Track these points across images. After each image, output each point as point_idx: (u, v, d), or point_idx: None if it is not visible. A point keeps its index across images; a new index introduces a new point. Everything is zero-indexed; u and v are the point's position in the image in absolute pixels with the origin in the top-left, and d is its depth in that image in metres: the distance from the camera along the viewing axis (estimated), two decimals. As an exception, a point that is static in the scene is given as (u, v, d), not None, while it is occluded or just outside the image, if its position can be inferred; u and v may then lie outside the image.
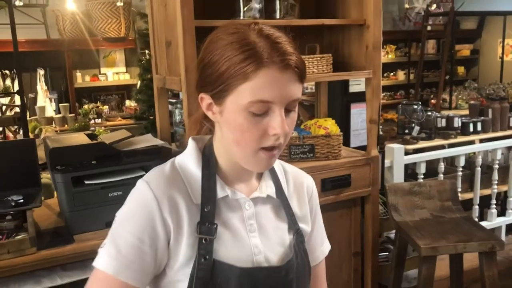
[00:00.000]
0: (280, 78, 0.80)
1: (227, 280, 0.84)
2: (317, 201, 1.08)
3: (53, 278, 1.72)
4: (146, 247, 0.83)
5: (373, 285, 2.40)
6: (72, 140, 1.94)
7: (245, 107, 0.81)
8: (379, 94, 2.26)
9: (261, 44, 0.80)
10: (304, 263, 0.97)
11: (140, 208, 0.85)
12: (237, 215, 0.91)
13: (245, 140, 0.83)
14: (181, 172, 0.90)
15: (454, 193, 2.39)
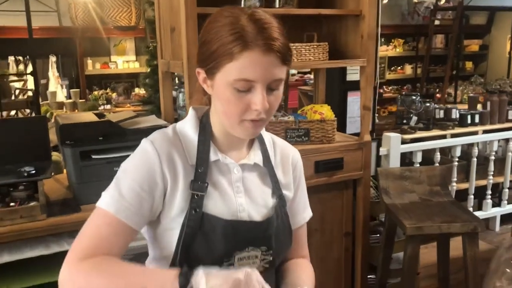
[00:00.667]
0: (262, 60, 0.90)
1: (213, 229, 0.98)
2: (301, 172, 1.20)
3: (61, 243, 1.87)
4: (145, 194, 0.96)
5: (363, 265, 2.51)
6: (81, 118, 2.08)
7: (231, 83, 0.93)
8: (372, 82, 2.36)
9: (249, 28, 0.91)
10: (285, 224, 1.10)
11: (143, 161, 0.98)
12: (226, 177, 1.04)
13: (231, 112, 0.96)
14: (180, 136, 1.04)
15: (443, 179, 2.49)
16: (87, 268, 0.90)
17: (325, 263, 2.46)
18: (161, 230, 1.02)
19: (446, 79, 6.81)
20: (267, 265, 1.05)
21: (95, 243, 0.93)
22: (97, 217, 0.96)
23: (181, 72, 2.00)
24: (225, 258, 0.98)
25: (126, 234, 0.96)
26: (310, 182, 2.28)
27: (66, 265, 0.93)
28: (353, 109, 2.75)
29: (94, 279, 0.89)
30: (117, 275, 0.90)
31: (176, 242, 0.98)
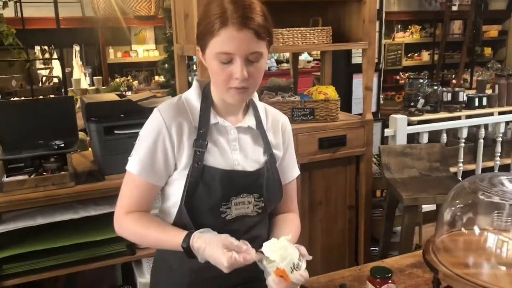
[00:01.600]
0: (237, 35, 1.06)
1: (213, 178, 1.17)
2: (290, 136, 1.38)
3: (88, 210, 2.09)
4: (158, 156, 1.17)
5: (366, 237, 2.68)
6: (104, 98, 2.29)
7: (215, 56, 1.11)
8: (374, 64, 2.50)
9: (230, 8, 1.07)
10: (275, 178, 1.28)
11: (153, 129, 1.18)
12: (224, 137, 1.23)
13: (218, 80, 1.15)
14: (185, 103, 1.23)
15: (442, 155, 2.62)
16: (127, 222, 1.20)
17: (330, 234, 2.63)
18: (170, 181, 1.22)
19: (462, 65, 6.83)
20: (260, 210, 1.24)
21: (130, 202, 1.21)
22: (127, 179, 1.22)
23: (194, 54, 2.18)
24: (223, 202, 1.18)
25: (150, 190, 1.21)
26: (315, 158, 2.46)
27: (116, 219, 1.22)
28: (358, 91, 2.89)
29: (129, 229, 1.21)
30: (145, 230, 1.19)
31: (182, 190, 1.18)
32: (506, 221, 0.96)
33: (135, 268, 2.33)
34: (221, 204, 1.18)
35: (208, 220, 1.19)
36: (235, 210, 1.20)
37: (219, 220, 1.19)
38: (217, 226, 1.18)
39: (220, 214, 1.19)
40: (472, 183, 1.01)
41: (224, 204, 1.18)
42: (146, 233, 1.19)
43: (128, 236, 1.23)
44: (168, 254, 1.27)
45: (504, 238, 0.94)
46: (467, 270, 0.95)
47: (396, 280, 1.24)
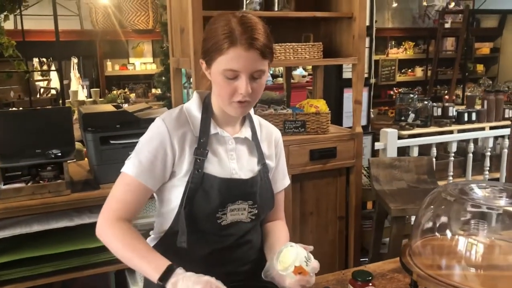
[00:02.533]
0: (244, 54, 1.15)
1: (211, 185, 1.24)
2: (281, 148, 1.46)
3: (83, 218, 2.14)
4: (158, 162, 1.23)
5: (355, 247, 2.73)
6: (101, 108, 2.35)
7: (221, 72, 1.19)
8: (363, 79, 2.58)
9: (237, 29, 1.16)
10: (268, 187, 1.36)
11: (157, 136, 1.24)
12: (222, 147, 1.31)
13: (222, 94, 1.22)
14: (187, 114, 1.30)
15: (430, 168, 2.70)
16: (113, 231, 1.21)
17: (321, 244, 2.68)
18: (170, 186, 1.28)
19: (453, 81, 6.95)
20: (253, 217, 1.31)
21: (120, 207, 1.23)
22: (121, 182, 1.25)
23: (189, 67, 2.26)
24: (220, 209, 1.24)
25: (143, 194, 1.25)
26: (306, 169, 2.53)
27: (100, 220, 1.23)
28: (349, 105, 2.96)
29: (113, 241, 1.21)
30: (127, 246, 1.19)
31: (182, 196, 1.24)
32: (475, 226, 1.02)
33: (128, 276, 2.38)
34: (218, 210, 1.24)
35: (204, 225, 1.25)
36: (231, 216, 1.26)
37: (215, 225, 1.25)
38: (212, 231, 1.25)
39: (216, 220, 1.25)
40: (445, 190, 1.08)
41: (221, 210, 1.24)
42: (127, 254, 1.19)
43: (107, 244, 1.23)
44: None
45: (473, 242, 1.00)
46: (440, 271, 1.01)
47: (377, 284, 1.30)
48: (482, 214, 1.04)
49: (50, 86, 5.30)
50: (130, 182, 1.23)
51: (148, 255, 1.18)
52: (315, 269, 1.16)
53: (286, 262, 1.13)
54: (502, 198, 1.04)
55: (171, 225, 1.28)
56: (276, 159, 1.42)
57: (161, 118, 1.26)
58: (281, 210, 1.48)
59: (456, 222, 1.05)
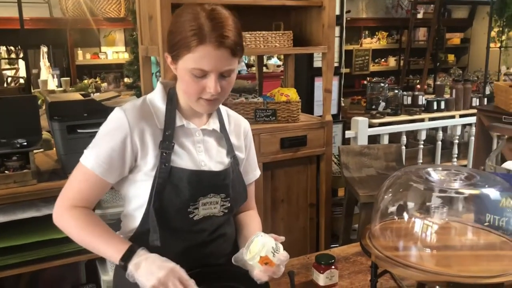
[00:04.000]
0: (214, 53, 1.09)
1: (181, 179, 1.20)
2: (251, 139, 1.44)
3: (50, 208, 2.09)
4: (116, 155, 1.18)
5: (326, 233, 2.78)
6: (68, 97, 2.31)
7: (189, 70, 1.14)
8: (333, 67, 2.61)
9: (206, 25, 1.09)
10: (239, 179, 1.34)
11: (116, 128, 1.19)
12: (189, 139, 1.27)
13: (190, 92, 1.18)
14: (150, 105, 1.25)
15: (399, 155, 2.75)
16: (69, 218, 1.19)
17: (292, 231, 2.72)
18: (135, 181, 1.23)
19: (425, 71, 7.07)
20: (226, 211, 1.29)
21: (77, 196, 1.20)
22: (78, 171, 1.22)
23: (158, 55, 2.24)
24: (191, 203, 1.21)
25: (100, 186, 1.21)
26: (277, 157, 2.55)
27: (56, 209, 1.22)
28: (319, 93, 3.00)
29: (71, 227, 1.19)
30: (86, 230, 1.17)
31: (150, 191, 1.20)
32: (432, 209, 1.06)
33: (99, 265, 2.36)
34: (189, 205, 1.20)
35: (175, 221, 1.21)
36: (203, 210, 1.23)
37: (187, 220, 1.21)
38: (185, 227, 1.21)
39: (188, 215, 1.21)
40: (403, 174, 1.11)
41: (192, 205, 1.21)
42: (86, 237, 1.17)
43: (65, 231, 1.21)
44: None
45: (429, 223, 1.04)
46: (397, 252, 1.04)
47: (340, 267, 1.33)
48: (439, 197, 1.07)
49: (18, 75, 5.16)
50: (87, 173, 1.19)
51: (107, 237, 1.16)
52: (282, 261, 1.13)
53: (253, 252, 1.12)
54: (457, 181, 1.07)
55: (141, 223, 1.23)
56: (246, 151, 1.40)
57: (122, 109, 1.20)
58: (253, 200, 1.46)
59: (413, 205, 1.08)
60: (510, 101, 3.08)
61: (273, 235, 1.19)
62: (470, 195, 1.06)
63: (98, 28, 6.49)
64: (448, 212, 1.10)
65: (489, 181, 1.07)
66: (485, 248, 1.09)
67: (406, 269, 0.98)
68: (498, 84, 3.35)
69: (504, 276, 0.95)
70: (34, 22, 5.66)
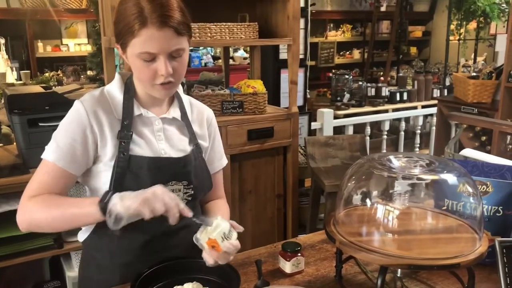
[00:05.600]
0: (158, 34, 1.09)
1: (140, 167, 1.20)
2: (215, 127, 1.44)
3: (11, 204, 2.05)
4: (77, 145, 1.18)
5: (293, 223, 2.81)
6: (29, 90, 2.24)
7: (137, 55, 1.13)
8: (298, 59, 2.63)
9: (147, 8, 1.09)
10: (203, 167, 1.34)
11: (75, 118, 1.19)
12: (148, 128, 1.26)
13: (142, 78, 1.18)
14: (107, 95, 1.25)
15: (362, 146, 2.82)
16: (31, 203, 1.15)
17: (260, 222, 2.74)
18: (97, 172, 1.23)
19: (388, 63, 7.23)
20: (190, 198, 1.29)
21: (39, 186, 1.17)
22: (41, 166, 1.20)
23: (121, 47, 2.20)
24: None
25: (65, 178, 1.19)
26: (244, 149, 2.56)
27: (19, 206, 1.18)
28: (286, 85, 3.02)
29: (36, 211, 1.14)
30: (52, 206, 1.14)
31: (109, 181, 1.19)
32: (393, 195, 1.09)
33: (64, 261, 2.32)
34: None
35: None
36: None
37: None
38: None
39: None
40: (366, 162, 1.14)
41: None
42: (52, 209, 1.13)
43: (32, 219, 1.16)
44: (95, 250, 1.28)
45: (390, 209, 1.07)
46: (361, 238, 1.07)
47: (306, 254, 1.36)
48: (400, 183, 1.11)
49: (-26, 68, 4.96)
50: (49, 166, 1.17)
51: (77, 201, 1.17)
52: (229, 248, 1.10)
53: (205, 232, 1.11)
54: (417, 167, 1.11)
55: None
56: (210, 140, 1.40)
57: (79, 100, 1.21)
58: (220, 188, 1.47)
59: (375, 191, 1.11)
60: (467, 92, 3.20)
61: (233, 223, 1.18)
62: (429, 180, 1.10)
63: (59, 20, 6.29)
64: (409, 198, 1.13)
65: (448, 167, 1.11)
66: (444, 232, 1.14)
67: (369, 254, 1.01)
68: (457, 76, 3.46)
69: (460, 257, 0.99)
70: (-11, 13, 5.44)
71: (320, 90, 6.26)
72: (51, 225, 1.16)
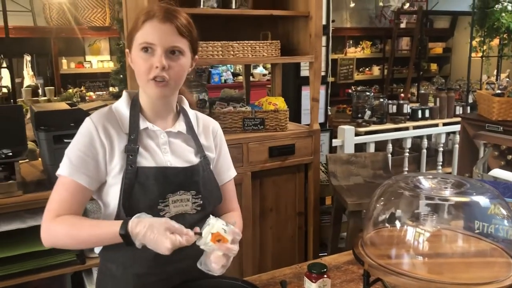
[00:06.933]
0: (159, 27, 1.17)
1: (147, 178, 1.23)
2: (222, 139, 1.45)
3: (36, 219, 2.07)
4: (89, 159, 1.22)
5: (314, 242, 2.78)
6: (55, 107, 2.28)
7: (138, 47, 1.20)
8: (320, 76, 2.62)
9: (156, 7, 1.20)
10: (211, 178, 1.35)
11: (85, 134, 1.24)
12: (154, 141, 1.30)
13: (140, 72, 1.22)
14: (115, 112, 1.30)
15: (385, 163, 2.78)
16: (54, 226, 1.19)
17: (281, 240, 2.71)
18: (107, 187, 1.26)
19: (408, 80, 7.18)
20: (199, 208, 1.30)
21: (60, 206, 1.21)
22: (57, 184, 1.24)
23: (146, 65, 2.23)
24: (160, 200, 1.23)
25: (80, 193, 1.22)
26: (265, 166, 2.55)
27: (42, 225, 1.21)
28: (307, 102, 3.02)
29: (60, 234, 1.19)
30: (78, 227, 1.18)
31: (119, 193, 1.22)
32: (423, 216, 1.07)
33: (85, 277, 2.33)
34: (158, 202, 1.22)
35: None
36: (174, 208, 1.25)
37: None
38: None
39: (159, 213, 1.23)
40: (394, 182, 1.12)
41: (162, 202, 1.23)
42: (78, 232, 1.18)
43: (57, 240, 1.21)
44: (110, 262, 1.30)
45: (421, 231, 1.05)
46: (390, 261, 1.05)
47: (332, 276, 1.33)
48: (429, 205, 1.08)
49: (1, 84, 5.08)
50: (65, 182, 1.22)
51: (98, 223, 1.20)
52: (235, 233, 1.13)
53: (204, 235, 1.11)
54: (447, 189, 1.09)
55: None
56: (217, 151, 1.42)
57: (89, 118, 1.27)
58: (232, 200, 1.46)
59: (405, 213, 1.09)
60: (492, 109, 3.14)
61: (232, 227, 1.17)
62: (460, 202, 1.07)
63: (82, 37, 6.44)
64: (438, 220, 1.11)
65: (479, 188, 1.09)
66: (476, 255, 1.11)
67: (399, 277, 0.99)
68: (481, 93, 3.41)
69: (496, 283, 0.96)
70: (17, 31, 5.59)
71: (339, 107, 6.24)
72: (75, 247, 1.25)
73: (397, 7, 7.82)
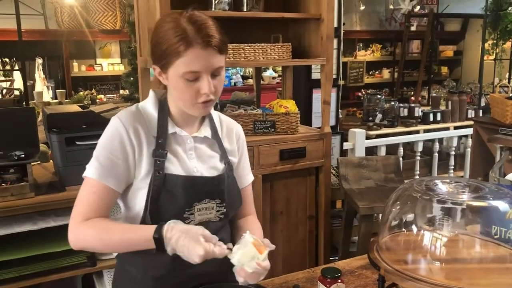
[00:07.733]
0: (203, 54, 1.13)
1: (175, 185, 1.21)
2: (244, 142, 1.44)
3: (48, 221, 2.08)
4: (119, 161, 1.19)
5: (325, 245, 2.76)
6: (66, 109, 2.29)
7: (181, 75, 1.15)
8: (331, 79, 2.61)
9: (189, 29, 1.13)
10: (234, 185, 1.34)
11: (114, 134, 1.21)
12: (181, 146, 1.28)
13: (185, 98, 1.20)
14: (142, 112, 1.26)
15: (397, 167, 2.75)
16: (84, 229, 1.17)
17: (291, 244, 2.70)
18: (133, 190, 1.24)
19: (419, 83, 7.12)
20: (222, 216, 1.29)
21: (88, 209, 1.18)
22: (85, 186, 1.21)
23: (157, 67, 2.23)
24: (186, 208, 1.21)
25: (108, 196, 1.20)
26: (276, 169, 2.54)
27: (70, 229, 1.19)
28: (318, 105, 3.00)
29: (90, 238, 1.17)
30: (108, 231, 1.17)
31: (145, 198, 1.20)
32: (440, 221, 1.05)
33: (96, 279, 2.33)
34: (185, 211, 1.21)
35: None
36: (198, 216, 1.24)
37: None
38: None
39: (184, 221, 1.21)
40: (410, 186, 1.10)
41: (188, 210, 1.21)
42: (109, 236, 1.16)
43: (87, 245, 1.20)
44: (129, 265, 1.29)
45: (438, 236, 1.03)
46: (406, 266, 1.03)
47: (346, 281, 1.32)
48: (447, 209, 1.07)
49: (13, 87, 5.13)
50: (93, 185, 1.19)
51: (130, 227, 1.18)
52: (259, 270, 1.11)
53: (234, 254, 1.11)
54: (465, 193, 1.06)
55: None
56: (238, 154, 1.40)
57: (116, 116, 1.23)
58: (250, 204, 1.45)
59: (421, 217, 1.07)
60: (506, 112, 3.10)
61: (265, 241, 1.18)
62: (478, 207, 1.05)
63: (93, 40, 6.49)
64: (454, 224, 1.09)
65: (497, 193, 1.07)
66: (495, 261, 1.08)
67: (416, 283, 0.97)
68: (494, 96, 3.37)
69: (515, 290, 0.94)
70: (29, 34, 5.64)
71: (349, 110, 6.20)
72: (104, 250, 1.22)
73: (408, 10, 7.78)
